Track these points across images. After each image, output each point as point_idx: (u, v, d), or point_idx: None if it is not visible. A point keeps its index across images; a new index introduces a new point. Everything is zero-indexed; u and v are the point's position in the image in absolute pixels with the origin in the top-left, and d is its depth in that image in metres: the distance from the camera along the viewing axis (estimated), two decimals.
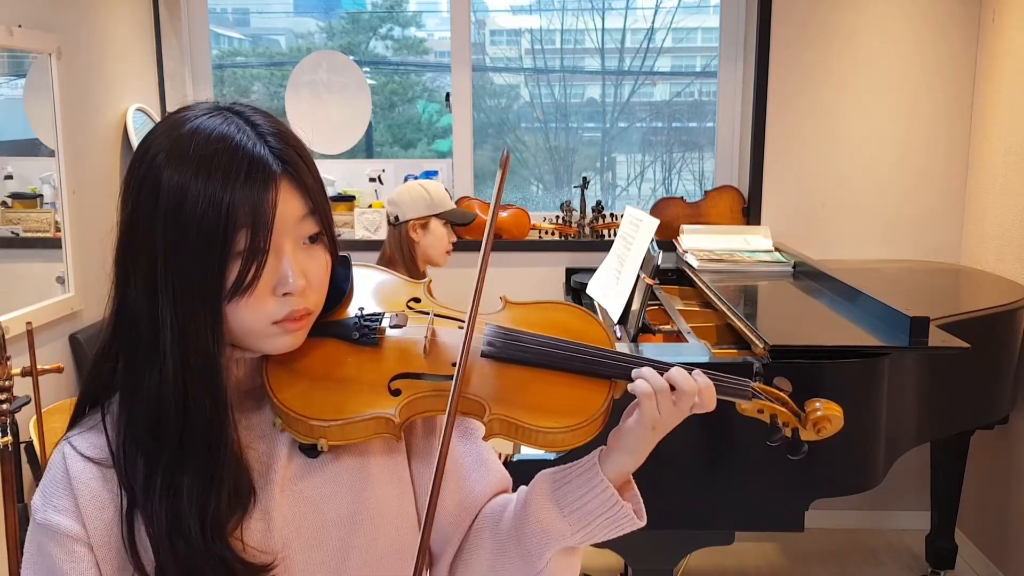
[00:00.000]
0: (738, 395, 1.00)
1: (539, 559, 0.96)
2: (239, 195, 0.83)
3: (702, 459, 2.02)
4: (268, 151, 0.86)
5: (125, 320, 0.88)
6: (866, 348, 2.08)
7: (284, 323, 0.89)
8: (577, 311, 1.05)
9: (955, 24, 3.37)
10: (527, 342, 0.97)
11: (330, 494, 0.94)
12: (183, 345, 0.85)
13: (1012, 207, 3.07)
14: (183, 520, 0.85)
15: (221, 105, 0.90)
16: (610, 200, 3.86)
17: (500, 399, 0.93)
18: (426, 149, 3.96)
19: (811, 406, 1.00)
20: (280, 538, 0.91)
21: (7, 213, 2.75)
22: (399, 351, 0.96)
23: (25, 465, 2.35)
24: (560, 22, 3.79)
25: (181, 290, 0.84)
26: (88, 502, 0.88)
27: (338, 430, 0.90)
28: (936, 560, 3.14)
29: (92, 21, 3.01)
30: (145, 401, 0.87)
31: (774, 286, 2.86)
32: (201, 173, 0.83)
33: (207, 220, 0.82)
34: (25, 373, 2.13)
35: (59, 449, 0.91)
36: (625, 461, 0.96)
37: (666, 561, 2.12)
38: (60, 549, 0.88)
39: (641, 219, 2.49)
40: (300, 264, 0.88)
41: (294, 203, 0.87)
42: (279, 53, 3.96)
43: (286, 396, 0.90)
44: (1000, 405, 2.70)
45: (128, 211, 0.87)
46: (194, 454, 0.86)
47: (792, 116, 3.45)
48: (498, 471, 1.06)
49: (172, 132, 0.87)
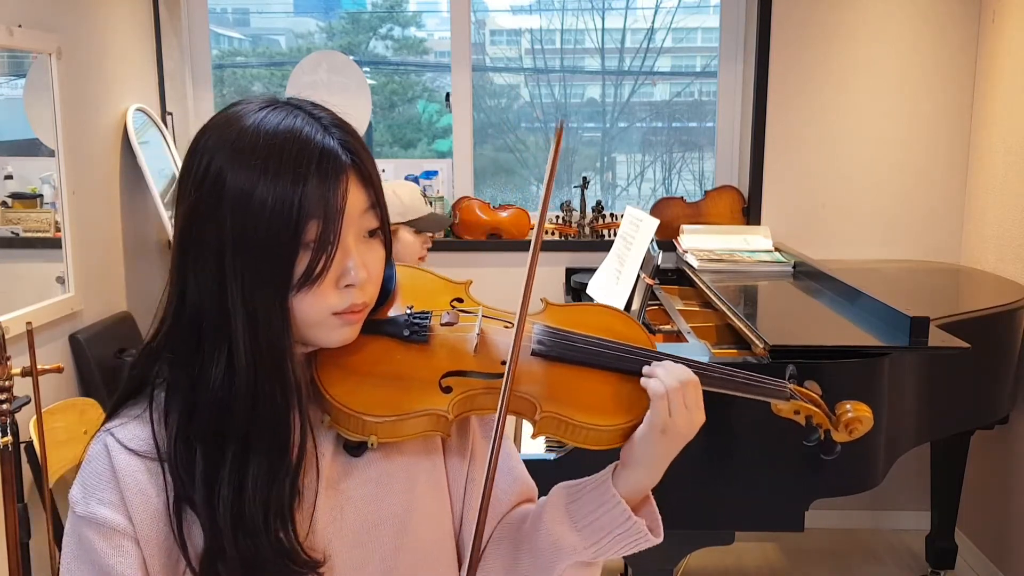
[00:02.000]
0: (776, 396, 1.01)
1: (551, 571, 0.96)
2: (311, 187, 0.83)
3: (702, 459, 2.02)
4: (336, 142, 0.86)
5: (187, 312, 0.87)
6: (866, 348, 2.08)
7: (344, 315, 0.88)
8: (618, 314, 1.07)
9: (955, 24, 3.37)
10: (577, 341, 0.98)
11: (371, 494, 0.94)
12: (254, 335, 0.84)
13: (1012, 207, 3.07)
14: (248, 512, 0.85)
15: (279, 100, 0.89)
16: (610, 200, 3.86)
17: (551, 397, 0.95)
18: (426, 149, 3.96)
19: (842, 408, 1.02)
20: (323, 537, 0.91)
21: (7, 213, 2.75)
22: (449, 349, 0.97)
23: (25, 465, 2.35)
24: (560, 22, 3.79)
25: (251, 280, 0.84)
26: (135, 496, 0.87)
27: (390, 427, 0.91)
28: (936, 560, 3.14)
29: (92, 21, 3.01)
30: (211, 393, 0.85)
31: (774, 286, 2.86)
32: (270, 167, 0.83)
33: (278, 212, 0.82)
34: (25, 373, 2.13)
35: (99, 440, 0.89)
36: (638, 475, 0.94)
37: (666, 561, 2.12)
38: (106, 543, 0.86)
39: (641, 219, 2.49)
40: (362, 257, 0.88)
41: (360, 195, 0.87)
42: (279, 53, 3.97)
43: (338, 392, 0.91)
44: (1000, 405, 2.70)
45: (189, 203, 0.86)
46: (261, 445, 0.86)
47: (792, 116, 3.45)
48: (523, 481, 1.06)
49: (234, 125, 0.86)
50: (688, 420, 0.93)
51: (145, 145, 3.23)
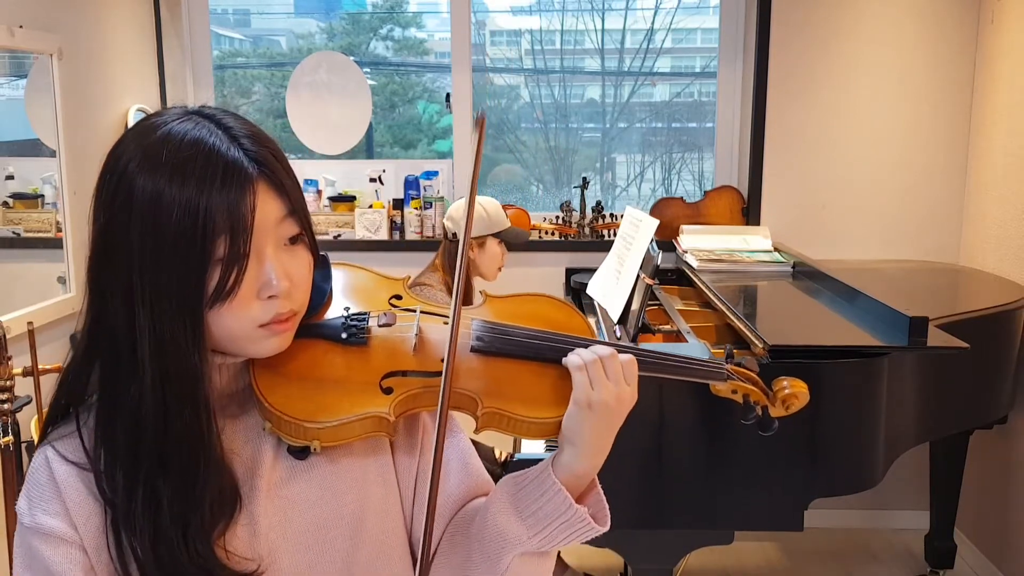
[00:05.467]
0: (714, 377, 1.04)
1: (498, 563, 0.95)
2: (216, 200, 0.81)
3: (702, 459, 2.03)
4: (243, 154, 0.84)
5: (102, 331, 0.87)
6: (865, 348, 2.08)
7: (271, 326, 0.87)
8: (556, 302, 1.07)
9: (955, 24, 3.37)
10: (514, 335, 0.98)
11: (317, 497, 0.93)
12: (162, 356, 0.84)
13: (1012, 207, 3.08)
14: (165, 530, 0.84)
15: (191, 109, 0.88)
16: (610, 200, 3.87)
17: (491, 392, 0.94)
18: (426, 150, 3.97)
19: (778, 384, 1.06)
20: (266, 543, 0.91)
21: (8, 213, 2.75)
22: (388, 350, 0.96)
23: (26, 465, 2.36)
24: (560, 23, 3.80)
25: (159, 300, 0.83)
26: (77, 506, 0.87)
27: (332, 431, 0.89)
28: (935, 560, 3.14)
29: (93, 22, 3.02)
30: (125, 412, 0.85)
31: (773, 286, 2.86)
32: (175, 180, 0.81)
33: (184, 228, 0.81)
34: (26, 373, 2.14)
35: (41, 453, 0.90)
36: (573, 457, 0.93)
37: (666, 561, 2.12)
38: (55, 551, 0.87)
39: (641, 219, 2.49)
40: (283, 266, 0.87)
41: (273, 205, 0.86)
42: (280, 54, 3.97)
43: (277, 399, 0.89)
44: (999, 405, 2.71)
45: (101, 222, 0.85)
46: (175, 464, 0.85)
47: (792, 116, 3.45)
48: (478, 476, 1.05)
49: (142, 139, 0.85)
50: (614, 394, 0.92)
51: None
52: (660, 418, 2.00)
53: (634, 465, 2.00)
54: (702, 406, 1.98)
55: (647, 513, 2.02)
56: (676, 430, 2.02)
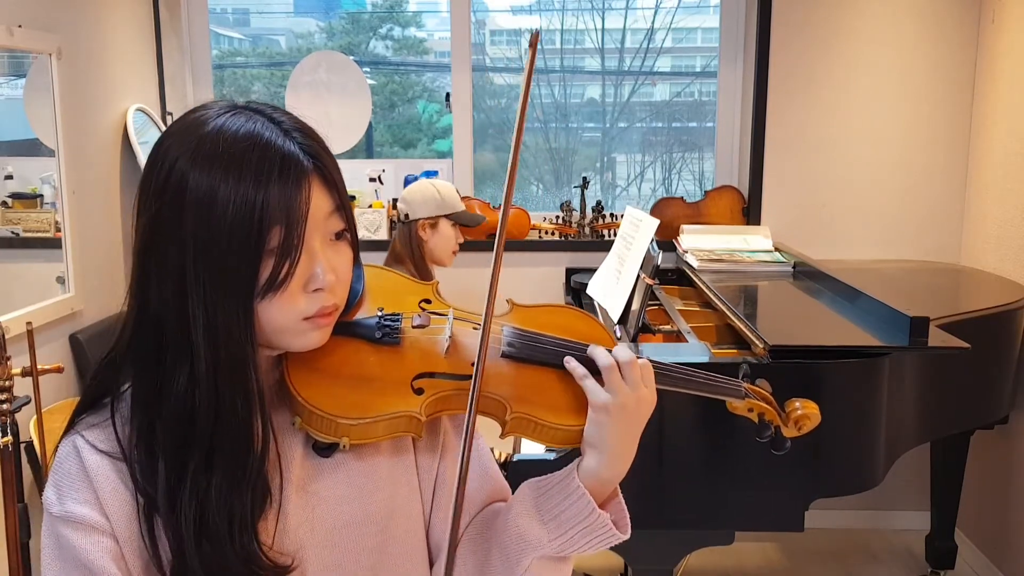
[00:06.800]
0: (732, 394, 1.07)
1: (517, 565, 0.95)
2: (273, 193, 0.82)
3: (702, 459, 2.02)
4: (297, 147, 0.85)
5: (148, 322, 0.86)
6: (866, 348, 2.08)
7: (314, 319, 0.88)
8: (581, 314, 1.08)
9: (955, 25, 3.37)
10: (544, 343, 0.99)
11: (343, 495, 0.94)
12: (215, 344, 0.84)
13: (1012, 207, 3.07)
14: (211, 521, 0.84)
15: (239, 104, 0.88)
16: (610, 200, 3.86)
17: (520, 398, 0.95)
18: (426, 149, 3.97)
19: (791, 405, 1.09)
20: (295, 539, 0.91)
21: (7, 213, 2.75)
22: (420, 351, 0.97)
23: (25, 465, 2.35)
24: (560, 22, 3.79)
25: (213, 289, 0.83)
26: (109, 495, 0.86)
27: (362, 428, 0.90)
28: (936, 560, 3.14)
29: (92, 21, 3.01)
30: (174, 404, 0.85)
31: (774, 286, 2.86)
32: (232, 173, 0.82)
33: (240, 220, 0.82)
34: (25, 373, 2.13)
35: (69, 442, 0.89)
36: (596, 462, 0.94)
37: (666, 561, 2.12)
38: (86, 539, 0.85)
39: (641, 219, 2.49)
40: (329, 260, 0.88)
41: (324, 199, 0.87)
42: (279, 53, 3.97)
43: (310, 394, 0.90)
44: (1000, 405, 2.70)
45: (151, 214, 0.85)
46: (223, 454, 0.85)
47: (792, 116, 3.45)
48: (495, 480, 1.06)
49: (193, 132, 0.85)
50: (633, 397, 0.94)
51: (145, 145, 3.23)
52: (661, 419, 2.00)
53: (634, 465, 2.00)
54: (702, 407, 1.98)
55: (647, 513, 2.01)
56: (676, 431, 2.02)
